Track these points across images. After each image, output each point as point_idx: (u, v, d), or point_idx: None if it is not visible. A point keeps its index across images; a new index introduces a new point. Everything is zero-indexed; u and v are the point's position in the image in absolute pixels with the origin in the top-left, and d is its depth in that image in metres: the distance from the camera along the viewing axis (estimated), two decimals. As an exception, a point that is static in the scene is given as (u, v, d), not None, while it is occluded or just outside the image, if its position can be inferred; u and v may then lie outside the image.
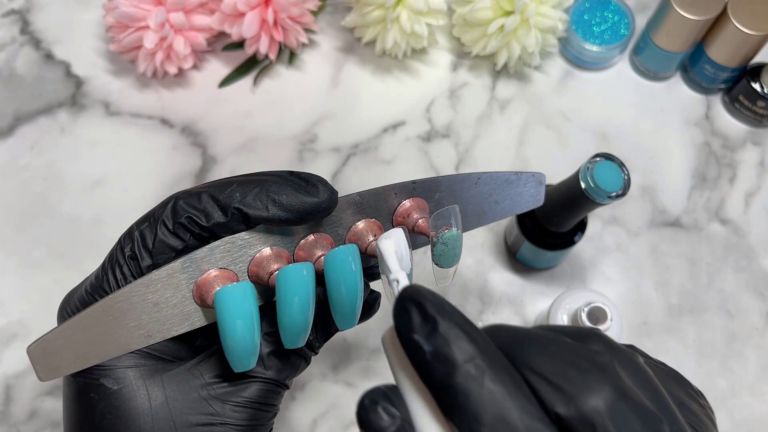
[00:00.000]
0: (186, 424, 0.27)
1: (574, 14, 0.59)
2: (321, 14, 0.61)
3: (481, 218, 0.35)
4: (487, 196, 0.34)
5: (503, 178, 0.35)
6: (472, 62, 0.60)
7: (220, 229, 0.28)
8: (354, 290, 0.27)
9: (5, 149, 0.56)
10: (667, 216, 0.56)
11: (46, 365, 0.28)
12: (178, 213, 0.28)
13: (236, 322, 0.26)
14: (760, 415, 0.50)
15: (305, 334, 0.28)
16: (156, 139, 0.57)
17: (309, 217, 0.28)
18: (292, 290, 0.26)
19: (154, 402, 0.28)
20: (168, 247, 0.28)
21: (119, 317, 0.27)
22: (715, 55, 0.56)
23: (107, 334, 0.27)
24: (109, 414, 0.28)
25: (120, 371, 0.28)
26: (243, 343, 0.26)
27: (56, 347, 0.27)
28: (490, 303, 0.53)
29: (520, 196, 0.36)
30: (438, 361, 0.20)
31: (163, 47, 0.55)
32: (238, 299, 0.26)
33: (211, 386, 0.28)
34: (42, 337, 0.27)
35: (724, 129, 0.59)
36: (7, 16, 0.61)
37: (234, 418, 0.28)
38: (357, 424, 0.21)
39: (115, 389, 0.28)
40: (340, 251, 0.27)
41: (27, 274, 0.52)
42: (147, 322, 0.28)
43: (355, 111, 0.58)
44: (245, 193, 0.28)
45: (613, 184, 0.40)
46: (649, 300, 0.53)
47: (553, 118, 0.59)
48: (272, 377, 0.29)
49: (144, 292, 0.27)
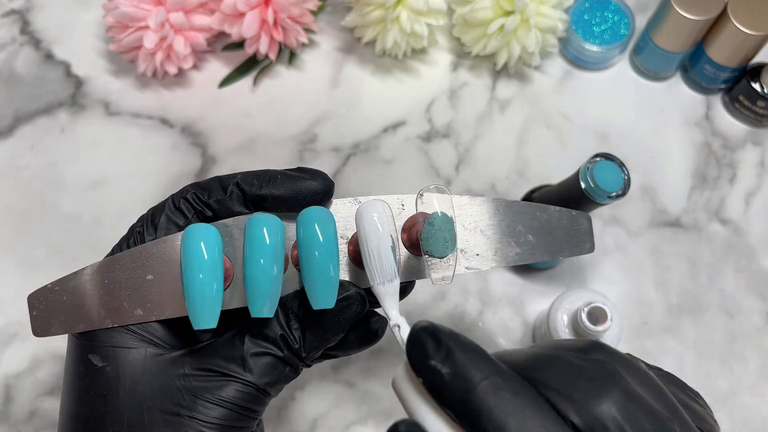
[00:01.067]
0: (155, 410, 0.27)
1: (574, 14, 0.59)
2: (321, 14, 0.61)
3: (522, 257, 0.31)
4: (517, 229, 0.31)
5: (531, 214, 0.31)
6: (472, 62, 0.60)
7: (219, 207, 0.29)
8: (325, 251, 0.26)
9: (5, 149, 0.56)
10: (667, 216, 0.56)
11: (40, 319, 0.28)
12: (185, 190, 0.30)
13: (197, 262, 0.25)
14: (760, 415, 0.50)
15: (268, 294, 0.26)
16: (156, 139, 0.57)
17: (301, 198, 0.29)
18: (256, 232, 0.26)
19: (132, 384, 0.28)
20: (172, 223, 0.29)
21: (112, 282, 0.28)
22: (715, 55, 0.56)
23: (101, 299, 0.28)
24: (91, 390, 0.28)
25: (109, 349, 0.28)
26: (202, 288, 0.25)
27: (52, 302, 0.28)
28: (490, 303, 0.53)
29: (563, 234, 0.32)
30: (457, 381, 0.21)
31: (163, 47, 0.55)
32: (202, 238, 0.26)
33: (189, 377, 0.28)
34: (42, 287, 0.28)
35: (724, 129, 0.59)
36: (7, 16, 0.61)
37: (203, 414, 0.27)
38: None
39: (99, 366, 0.28)
40: (312, 208, 0.27)
41: (27, 274, 0.52)
42: (140, 295, 0.28)
43: (355, 111, 0.58)
44: (246, 175, 0.30)
45: (613, 184, 0.40)
46: (649, 300, 0.53)
47: (553, 118, 0.59)
48: (251, 380, 0.28)
49: (140, 262, 0.28)
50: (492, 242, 0.31)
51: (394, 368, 0.50)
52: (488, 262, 0.31)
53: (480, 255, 0.31)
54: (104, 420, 0.28)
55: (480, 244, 0.31)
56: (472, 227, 0.31)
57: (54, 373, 0.50)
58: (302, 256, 0.27)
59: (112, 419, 0.27)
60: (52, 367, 0.50)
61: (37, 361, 0.50)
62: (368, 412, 0.49)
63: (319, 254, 0.26)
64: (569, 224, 0.32)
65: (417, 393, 0.22)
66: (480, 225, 0.31)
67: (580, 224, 0.32)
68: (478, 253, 0.31)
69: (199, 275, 0.25)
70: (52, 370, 0.50)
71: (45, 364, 0.50)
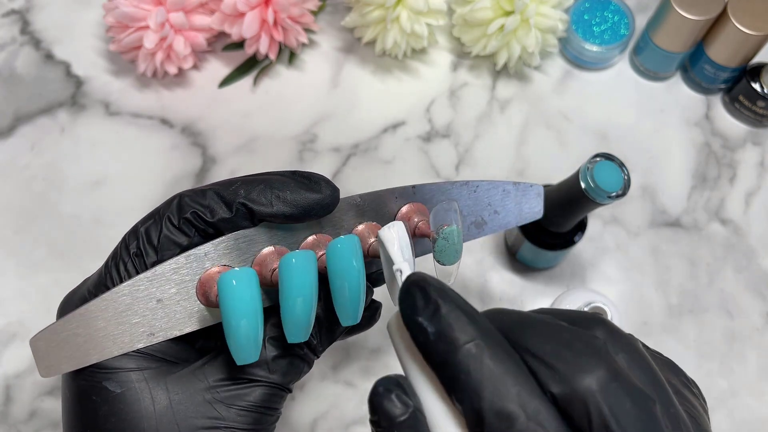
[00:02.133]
0: (190, 428, 0.27)
1: (574, 14, 0.59)
2: (321, 14, 0.61)
3: (481, 228, 0.35)
4: (486, 205, 0.35)
5: (501, 188, 0.35)
6: (472, 62, 0.60)
7: (225, 225, 0.28)
8: (356, 279, 0.27)
9: (5, 149, 0.56)
10: (667, 216, 0.56)
11: (47, 360, 0.27)
12: (183, 209, 0.28)
13: (239, 308, 0.26)
14: (760, 415, 0.50)
15: (308, 324, 0.27)
16: (156, 139, 0.57)
17: (312, 213, 0.28)
18: (294, 275, 0.26)
19: (158, 405, 0.27)
20: (173, 243, 0.28)
21: (122, 311, 0.27)
22: (715, 55, 0.56)
23: (109, 330, 0.27)
24: (112, 417, 0.27)
25: (123, 374, 0.28)
26: (247, 332, 0.26)
27: (58, 341, 0.27)
28: (490, 303, 0.53)
29: (519, 208, 0.36)
30: (440, 341, 0.21)
31: (163, 47, 0.55)
32: (242, 284, 0.26)
33: (216, 389, 0.28)
34: (45, 328, 0.27)
35: (724, 129, 0.59)
36: (7, 16, 0.61)
37: (238, 422, 0.28)
38: (369, 410, 0.22)
39: (118, 392, 0.27)
40: (341, 240, 0.27)
41: (27, 274, 0.52)
42: (150, 319, 0.28)
43: (355, 111, 0.58)
44: (250, 189, 0.28)
45: (613, 184, 0.40)
46: (649, 300, 0.53)
47: (553, 118, 0.59)
48: (276, 381, 0.29)
49: (147, 287, 0.27)
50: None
51: (394, 368, 0.50)
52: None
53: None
54: None
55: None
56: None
57: (54, 373, 0.50)
58: (334, 286, 0.28)
59: None
60: (52, 367, 0.50)
61: (37, 361, 0.50)
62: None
63: (349, 287, 0.27)
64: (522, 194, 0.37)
65: (405, 345, 0.23)
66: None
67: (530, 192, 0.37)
68: None
69: (247, 326, 0.26)
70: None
71: (45, 364, 0.50)
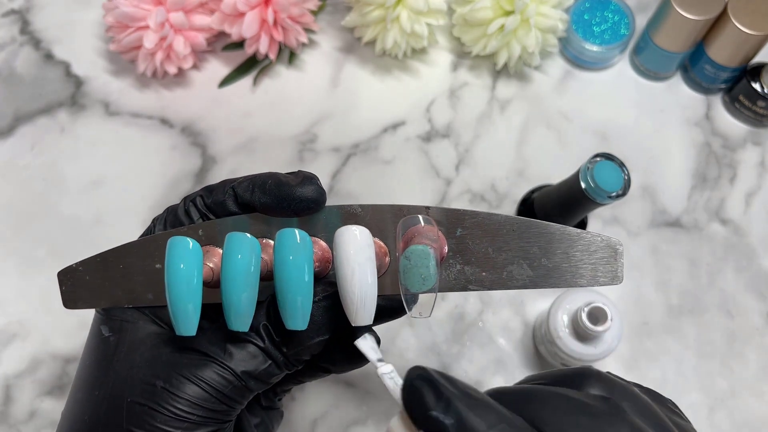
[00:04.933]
0: (137, 379, 0.28)
1: (574, 14, 0.59)
2: (321, 14, 0.61)
3: (534, 281, 0.29)
4: (532, 251, 0.28)
5: (557, 235, 0.28)
6: (472, 62, 0.60)
7: (218, 208, 0.31)
8: (292, 274, 0.26)
9: (5, 149, 0.56)
10: (667, 216, 0.56)
11: (68, 293, 0.31)
12: (195, 194, 0.32)
13: (179, 269, 0.26)
14: (760, 415, 0.50)
15: (245, 314, 0.27)
16: (156, 139, 0.57)
17: (287, 205, 0.29)
18: (232, 249, 0.26)
19: (126, 354, 0.30)
20: (180, 224, 0.31)
21: (129, 267, 0.30)
22: (716, 55, 0.56)
23: (120, 281, 0.31)
24: (94, 356, 0.31)
25: (118, 322, 0.31)
26: (181, 296, 0.26)
27: (77, 278, 0.31)
28: (490, 303, 0.53)
29: (583, 264, 0.29)
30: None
31: (163, 47, 0.55)
32: (184, 247, 0.26)
33: (175, 354, 0.29)
34: (69, 266, 0.31)
35: (724, 129, 0.59)
36: (7, 16, 0.61)
37: (177, 388, 0.28)
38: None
39: (105, 336, 0.31)
40: (289, 229, 0.27)
41: (27, 274, 0.52)
42: (151, 282, 0.30)
43: (355, 111, 0.58)
44: (245, 179, 0.30)
45: (613, 184, 0.40)
46: (649, 300, 0.53)
47: (553, 118, 0.59)
48: (229, 365, 0.28)
49: (150, 249, 0.30)
50: (499, 262, 0.29)
51: (395, 368, 0.51)
52: (494, 284, 0.29)
53: (486, 274, 0.29)
54: (96, 383, 0.30)
55: (486, 262, 0.29)
56: (478, 244, 0.29)
57: (54, 373, 0.50)
58: (277, 281, 0.27)
59: (102, 383, 0.29)
60: (52, 367, 0.50)
61: (37, 361, 0.50)
62: (368, 412, 0.49)
63: (286, 282, 0.26)
64: (593, 250, 0.29)
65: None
66: (487, 242, 0.29)
67: (606, 251, 0.29)
68: (484, 272, 0.29)
69: (183, 288, 0.26)
70: (52, 370, 0.50)
71: (45, 364, 0.50)
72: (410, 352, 0.51)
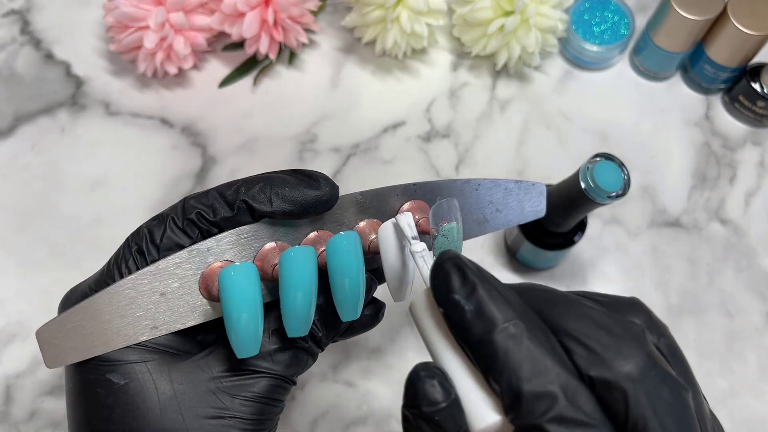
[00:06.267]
0: (195, 417, 0.27)
1: (574, 14, 0.59)
2: (321, 14, 0.61)
3: (483, 226, 0.35)
4: (488, 203, 0.35)
5: (503, 186, 0.35)
6: (472, 62, 0.60)
7: (227, 223, 0.29)
8: (355, 274, 0.27)
9: (5, 149, 0.56)
10: (667, 216, 0.56)
11: (52, 351, 0.28)
12: (187, 210, 0.29)
13: (240, 302, 0.26)
14: (760, 415, 0.50)
15: (308, 319, 0.28)
16: (156, 139, 0.57)
17: (311, 209, 0.29)
18: (294, 270, 0.27)
19: (163, 395, 0.28)
20: (176, 244, 0.29)
21: (126, 305, 0.28)
22: (715, 55, 0.56)
23: (113, 322, 0.28)
24: (117, 408, 0.28)
25: (127, 366, 0.28)
26: (247, 326, 0.26)
27: (63, 332, 0.28)
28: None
29: (521, 206, 0.36)
30: (478, 319, 0.20)
31: (163, 47, 0.55)
32: (242, 279, 0.26)
33: (220, 380, 0.28)
34: (51, 320, 0.28)
35: (724, 129, 0.59)
36: (7, 16, 0.61)
37: (243, 412, 0.28)
38: (405, 394, 0.21)
39: (122, 384, 0.28)
40: (340, 236, 0.27)
41: (27, 274, 0.52)
42: (153, 312, 0.28)
43: (355, 111, 0.58)
44: (250, 187, 0.29)
45: (613, 184, 0.40)
46: (649, 300, 0.53)
47: (553, 118, 0.59)
48: (280, 372, 0.29)
49: (151, 281, 0.28)
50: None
51: (395, 368, 0.51)
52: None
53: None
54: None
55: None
56: None
57: (54, 373, 0.50)
58: (334, 281, 0.28)
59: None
60: (52, 367, 0.50)
61: (37, 361, 0.50)
62: (368, 412, 0.49)
63: (349, 283, 0.27)
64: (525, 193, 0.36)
65: (434, 323, 0.22)
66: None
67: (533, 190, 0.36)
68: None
69: (247, 319, 0.26)
70: (52, 370, 0.50)
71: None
72: (410, 352, 0.51)
